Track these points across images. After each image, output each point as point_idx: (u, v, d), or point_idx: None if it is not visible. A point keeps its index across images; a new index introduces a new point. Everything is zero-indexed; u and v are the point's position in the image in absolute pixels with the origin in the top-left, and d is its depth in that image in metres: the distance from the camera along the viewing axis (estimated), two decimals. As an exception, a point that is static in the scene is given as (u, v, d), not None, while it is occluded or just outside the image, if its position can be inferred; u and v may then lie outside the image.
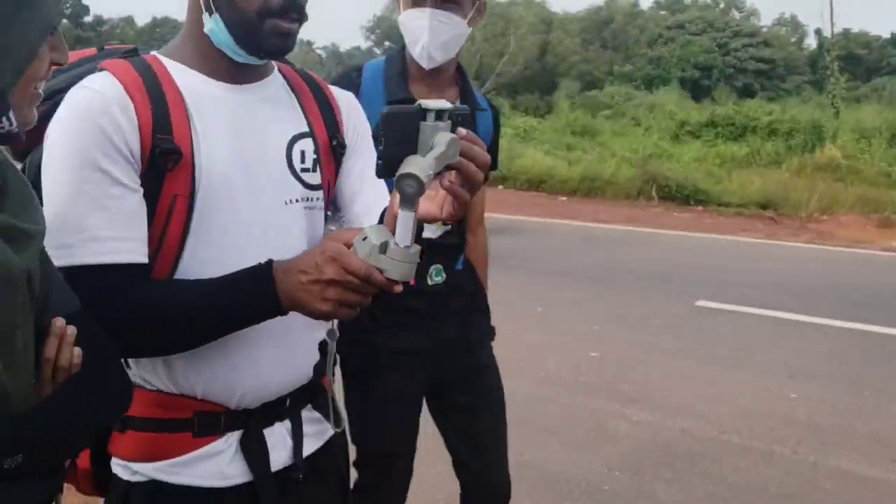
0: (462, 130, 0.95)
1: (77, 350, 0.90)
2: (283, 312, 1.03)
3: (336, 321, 1.11)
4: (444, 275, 1.88)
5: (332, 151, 1.22)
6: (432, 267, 1.84)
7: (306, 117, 1.20)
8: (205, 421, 1.13)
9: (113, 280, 1.02)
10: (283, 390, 1.18)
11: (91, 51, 1.25)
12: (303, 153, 1.17)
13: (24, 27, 0.81)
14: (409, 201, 0.93)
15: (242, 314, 1.05)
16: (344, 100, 1.29)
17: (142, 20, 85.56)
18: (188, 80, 1.11)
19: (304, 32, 1.21)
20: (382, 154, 0.92)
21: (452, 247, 1.91)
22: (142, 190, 1.05)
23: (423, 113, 0.93)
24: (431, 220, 1.02)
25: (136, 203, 1.05)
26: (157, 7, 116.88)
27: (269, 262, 1.04)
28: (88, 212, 1.02)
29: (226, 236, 1.10)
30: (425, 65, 1.80)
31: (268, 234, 1.12)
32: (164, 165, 1.05)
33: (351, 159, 1.26)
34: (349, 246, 0.98)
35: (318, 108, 1.23)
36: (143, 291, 1.04)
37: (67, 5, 72.27)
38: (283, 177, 1.13)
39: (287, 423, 1.21)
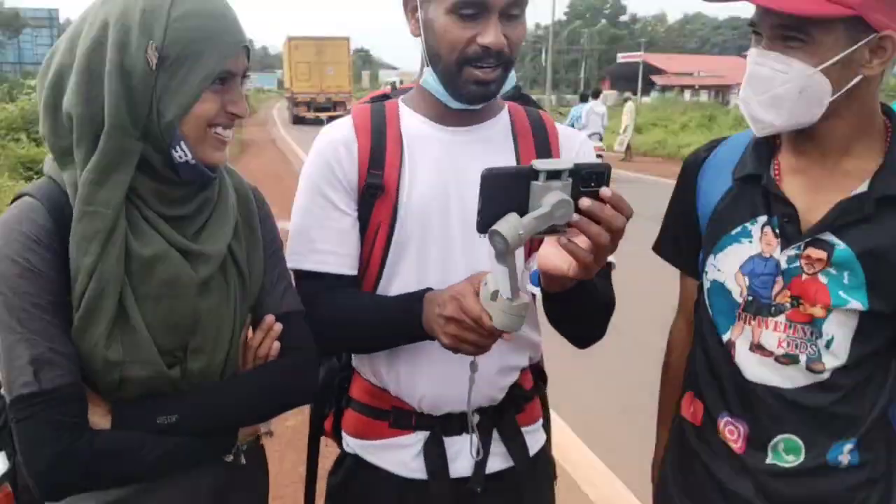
0: (585, 201, 0.97)
1: (276, 344, 1.18)
2: (428, 336, 1.18)
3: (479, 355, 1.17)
4: None
5: None
6: None
7: (517, 158, 1.32)
8: (399, 416, 1.35)
9: (322, 284, 1.29)
10: (465, 406, 1.29)
11: (385, 90, 1.49)
12: None
13: (188, 74, 1.01)
14: (500, 256, 0.99)
15: (399, 331, 1.23)
16: (568, 140, 1.38)
17: (673, 17, 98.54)
18: (412, 123, 1.32)
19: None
20: (478, 211, 0.95)
21: None
22: (356, 214, 1.30)
23: (535, 173, 0.95)
24: (557, 274, 1.08)
25: (349, 225, 1.29)
26: (690, 4, 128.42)
27: (426, 290, 1.22)
28: (313, 229, 1.30)
29: (418, 259, 1.28)
30: (756, 131, 1.25)
31: (455, 260, 1.27)
32: (371, 196, 1.28)
33: None
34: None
35: (533, 148, 1.34)
36: (339, 297, 1.29)
37: (608, 5, 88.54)
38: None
39: (474, 437, 1.32)
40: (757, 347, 1.28)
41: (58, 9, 43.64)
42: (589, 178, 0.98)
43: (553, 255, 1.08)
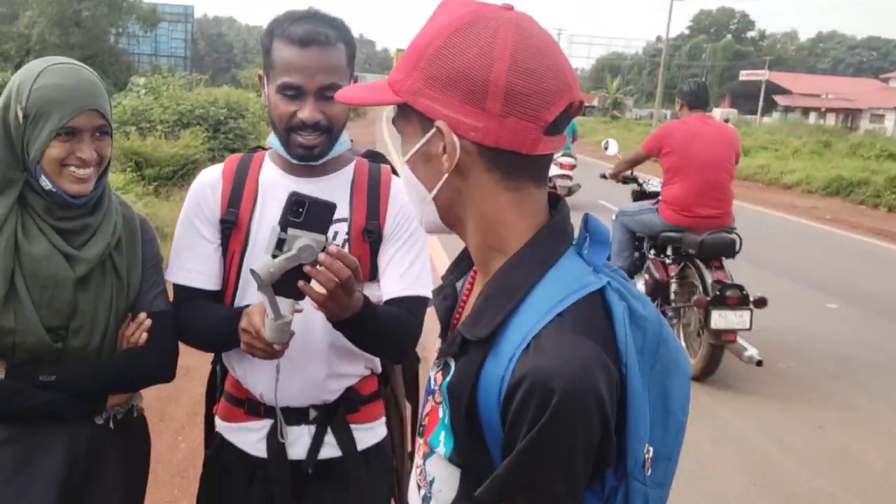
0: (321, 255, 1.28)
1: (144, 335, 1.55)
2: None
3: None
4: None
5: (363, 234, 1.59)
6: None
7: (350, 206, 1.59)
8: (251, 405, 1.66)
9: (184, 295, 1.63)
10: (301, 403, 1.63)
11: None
12: (335, 233, 1.57)
13: (42, 128, 1.39)
14: (260, 288, 1.29)
15: (229, 338, 1.51)
16: (396, 197, 1.64)
17: (806, 34, 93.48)
18: (269, 173, 1.62)
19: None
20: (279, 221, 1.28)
21: None
22: (218, 243, 1.62)
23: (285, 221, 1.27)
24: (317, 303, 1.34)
25: (212, 250, 1.62)
26: (826, 21, 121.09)
27: (247, 306, 1.52)
28: (184, 250, 1.63)
29: None
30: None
31: None
32: (228, 229, 1.60)
33: (386, 246, 1.63)
34: None
35: (366, 199, 1.61)
36: (196, 307, 1.62)
37: (734, 20, 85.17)
38: None
39: (312, 428, 1.64)
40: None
41: (192, 5, 46.85)
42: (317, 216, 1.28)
43: (310, 291, 1.32)
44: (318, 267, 1.29)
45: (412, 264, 1.63)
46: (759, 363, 4.62)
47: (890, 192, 15.16)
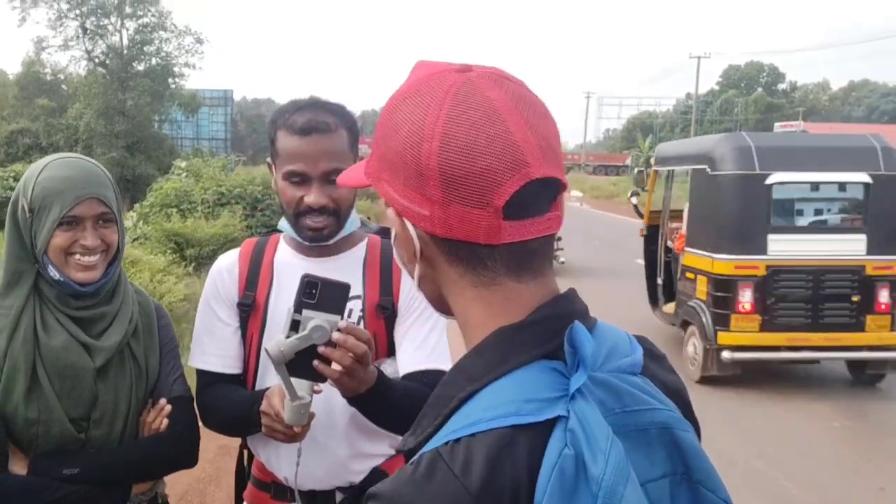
0: (335, 333, 1.29)
1: (165, 421, 1.56)
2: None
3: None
4: None
5: (376, 310, 1.61)
6: None
7: (363, 283, 1.62)
8: (278, 489, 1.65)
9: (208, 379, 1.65)
10: (326, 486, 1.62)
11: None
12: (350, 310, 1.53)
13: (45, 219, 1.45)
14: (276, 369, 1.30)
15: (251, 421, 1.51)
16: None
17: (837, 84, 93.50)
18: (283, 254, 1.67)
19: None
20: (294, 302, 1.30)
21: None
22: (236, 325, 1.65)
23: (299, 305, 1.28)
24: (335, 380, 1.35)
25: (231, 333, 1.65)
26: (855, 70, 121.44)
27: (266, 389, 1.51)
28: (204, 334, 1.67)
29: None
30: None
31: None
32: (245, 312, 1.64)
33: (403, 320, 1.63)
34: None
35: (378, 276, 1.64)
36: (217, 391, 1.63)
37: (764, 74, 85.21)
38: None
39: None
40: None
41: (232, 89, 48.66)
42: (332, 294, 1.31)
43: (324, 370, 1.33)
44: (332, 347, 1.30)
45: (428, 337, 1.62)
46: None
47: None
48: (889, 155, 6.00)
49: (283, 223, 1.65)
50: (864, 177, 5.93)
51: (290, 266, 1.63)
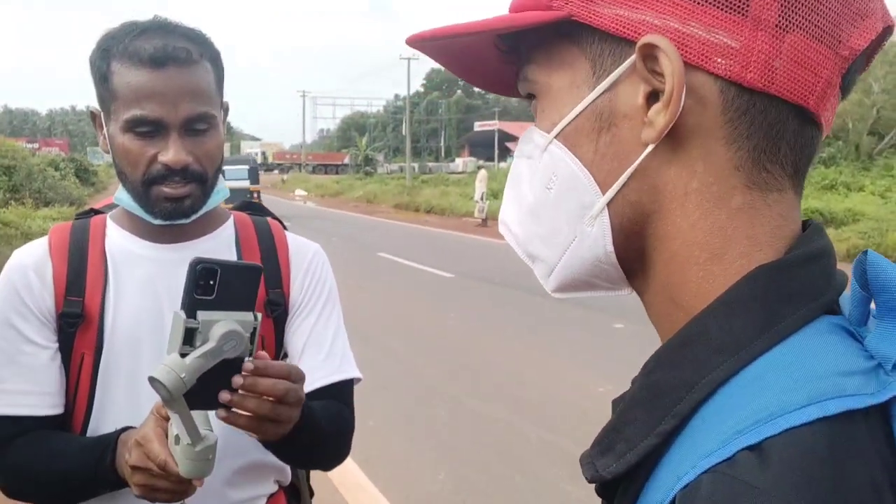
0: (238, 379, 0.91)
1: None
2: (127, 483, 1.03)
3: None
4: None
5: (265, 307, 1.22)
6: None
7: None
8: None
9: (16, 429, 1.13)
10: None
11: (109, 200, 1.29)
12: None
13: None
14: (168, 403, 0.88)
15: (95, 481, 1.09)
16: (300, 257, 1.28)
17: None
18: (118, 241, 1.20)
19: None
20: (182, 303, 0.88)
21: None
22: (55, 346, 1.16)
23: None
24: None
25: (47, 358, 1.15)
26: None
27: (121, 431, 1.09)
28: (3, 366, 1.14)
29: (129, 391, 1.15)
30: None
31: None
32: (70, 325, 1.15)
33: (298, 318, 1.26)
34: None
35: (260, 262, 1.22)
36: (32, 444, 1.13)
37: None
38: None
39: None
40: None
41: None
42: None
43: (241, 403, 0.97)
44: (249, 359, 0.94)
45: (335, 340, 1.29)
46: None
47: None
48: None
49: (122, 195, 1.19)
50: None
51: (130, 256, 1.21)
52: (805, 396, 0.41)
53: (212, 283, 0.89)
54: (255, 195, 15.23)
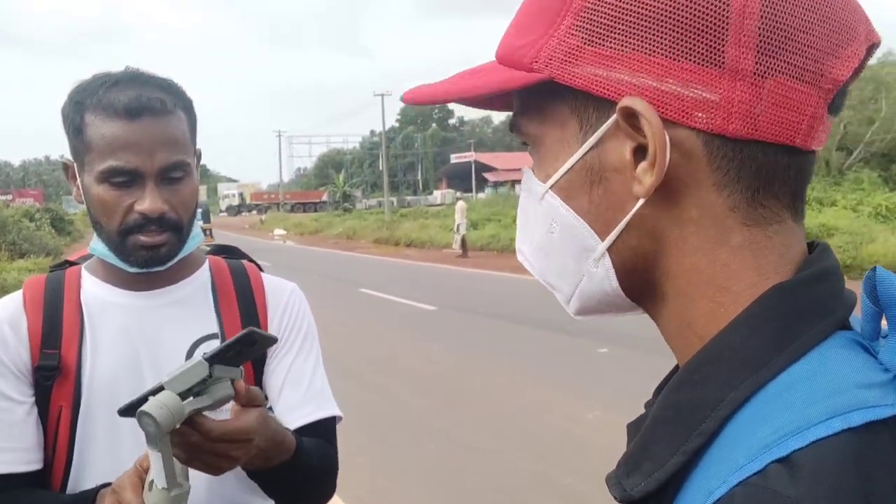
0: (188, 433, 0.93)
1: None
2: None
3: None
4: None
5: None
6: None
7: (219, 317, 1.23)
8: None
9: None
10: None
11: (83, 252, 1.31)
12: (205, 354, 1.10)
13: None
14: (152, 441, 0.88)
15: None
16: (276, 296, 1.30)
17: (498, 118, 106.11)
18: (93, 291, 1.20)
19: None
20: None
21: None
22: (31, 401, 1.14)
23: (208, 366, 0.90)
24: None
25: (24, 413, 1.13)
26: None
27: (101, 486, 1.06)
28: None
29: (109, 443, 1.14)
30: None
31: None
32: (47, 379, 1.14)
33: (277, 356, 1.26)
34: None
35: (237, 305, 1.25)
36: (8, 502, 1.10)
37: (436, 110, 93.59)
38: None
39: None
40: None
41: None
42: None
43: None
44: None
45: (313, 377, 1.29)
46: None
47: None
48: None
49: (97, 245, 1.20)
50: None
51: (106, 306, 1.20)
52: (829, 409, 0.43)
53: (240, 349, 0.94)
54: (209, 232, 17.71)
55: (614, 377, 6.32)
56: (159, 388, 0.91)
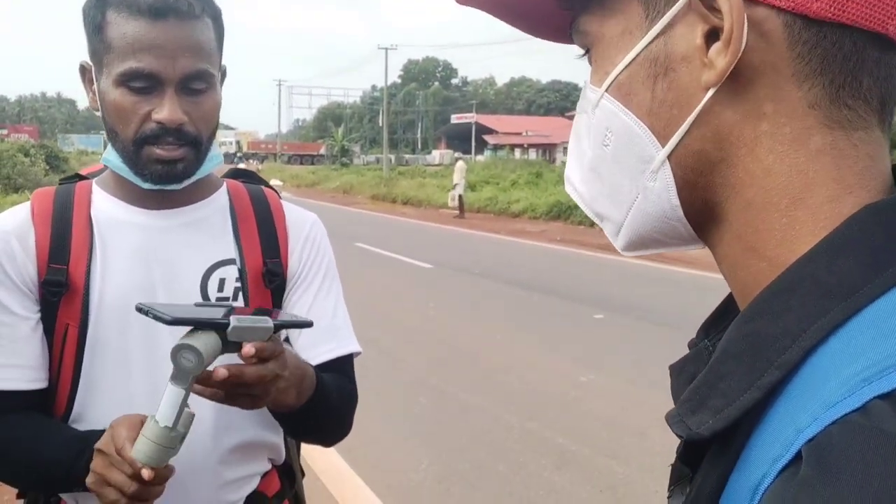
0: (222, 370, 0.90)
1: None
2: None
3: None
4: None
5: (263, 278, 1.18)
6: None
7: (238, 243, 1.17)
8: None
9: None
10: None
11: (97, 166, 1.24)
12: (222, 281, 1.14)
13: None
14: (182, 377, 0.87)
15: (69, 478, 1.02)
16: (298, 227, 1.24)
17: (501, 80, 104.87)
18: (104, 207, 1.14)
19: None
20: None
21: None
22: (37, 317, 1.09)
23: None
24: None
25: (28, 330, 1.08)
26: (516, 68, 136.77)
27: (102, 432, 1.00)
28: None
29: (119, 365, 1.10)
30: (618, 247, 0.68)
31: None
32: (54, 294, 1.09)
33: (297, 290, 1.22)
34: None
35: (257, 232, 1.19)
36: (8, 424, 1.06)
37: (440, 69, 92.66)
38: None
39: None
40: None
41: None
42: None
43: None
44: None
45: (335, 312, 1.25)
46: None
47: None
48: None
49: (110, 155, 1.13)
50: None
51: (118, 223, 1.14)
52: None
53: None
54: None
55: (609, 343, 6.33)
56: (222, 324, 0.90)
